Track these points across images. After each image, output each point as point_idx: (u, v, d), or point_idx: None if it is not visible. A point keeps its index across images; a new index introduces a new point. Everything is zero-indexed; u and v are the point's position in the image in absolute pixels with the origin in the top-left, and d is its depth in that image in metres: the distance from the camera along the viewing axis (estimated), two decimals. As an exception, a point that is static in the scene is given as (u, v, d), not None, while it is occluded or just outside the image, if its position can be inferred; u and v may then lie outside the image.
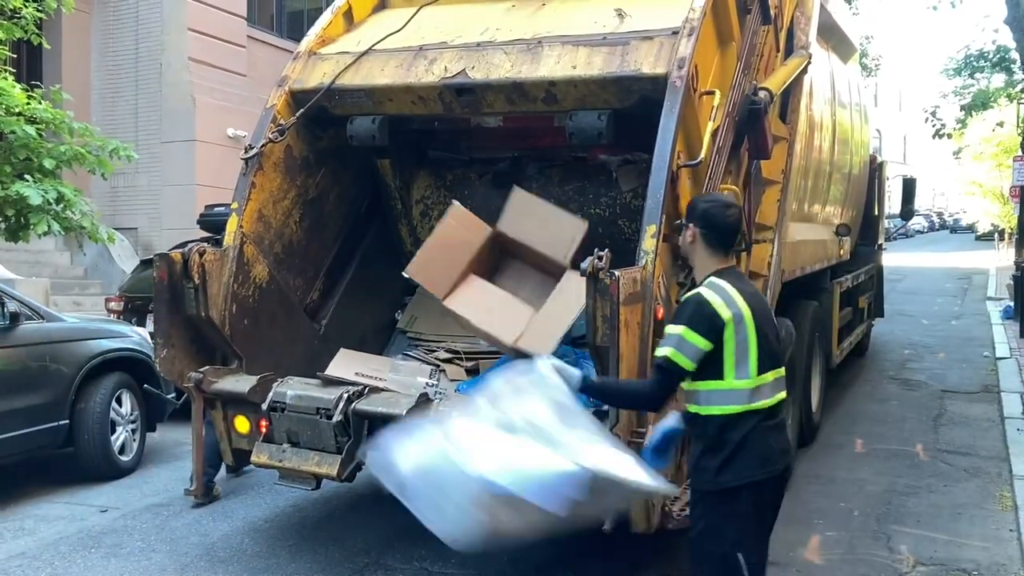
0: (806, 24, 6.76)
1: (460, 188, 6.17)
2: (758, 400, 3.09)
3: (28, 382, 6.06)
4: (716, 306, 3.05)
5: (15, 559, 5.00)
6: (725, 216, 3.20)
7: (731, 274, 3.20)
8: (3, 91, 8.75)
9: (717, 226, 3.19)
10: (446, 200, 6.19)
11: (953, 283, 22.81)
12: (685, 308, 3.13)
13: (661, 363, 3.11)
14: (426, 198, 6.25)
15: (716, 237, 3.20)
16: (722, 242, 3.21)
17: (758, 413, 3.09)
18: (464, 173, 6.18)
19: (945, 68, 25.37)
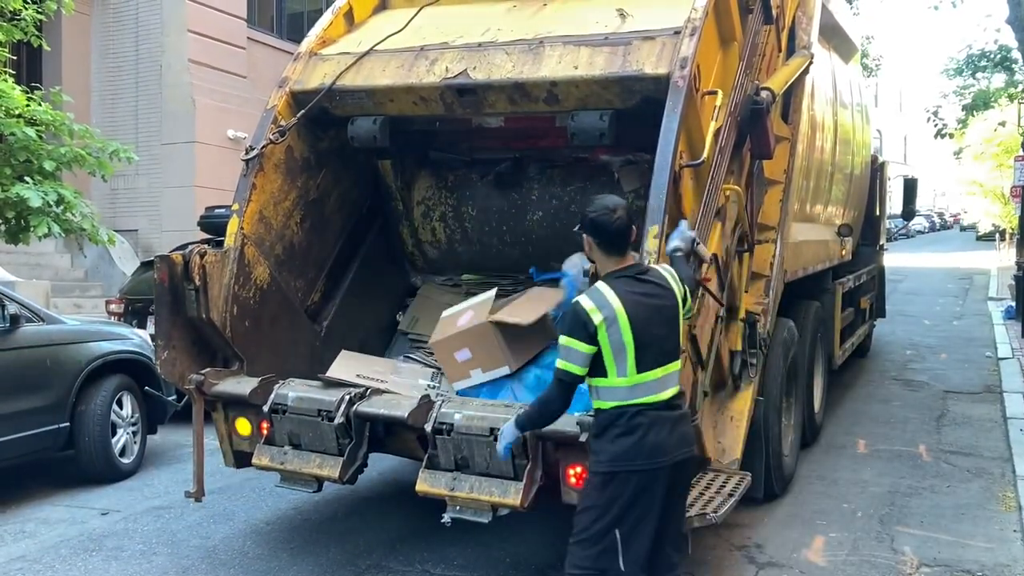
0: (808, 24, 6.74)
1: (461, 189, 6.16)
2: (642, 396, 3.29)
3: (29, 385, 6.04)
4: (589, 311, 3.26)
5: (15, 562, 4.98)
6: (611, 221, 3.36)
7: (625, 274, 3.37)
8: (3, 93, 8.73)
9: (606, 232, 3.37)
10: (447, 201, 6.18)
11: (954, 283, 22.80)
12: (566, 317, 3.37)
13: (556, 374, 3.37)
14: (427, 199, 6.24)
15: (607, 242, 3.38)
16: (614, 245, 3.39)
17: (646, 406, 3.29)
18: (465, 174, 6.17)
19: (946, 68, 25.41)
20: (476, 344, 5.02)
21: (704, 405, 4.75)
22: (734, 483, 4.75)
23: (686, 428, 3.45)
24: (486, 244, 6.17)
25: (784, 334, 6.21)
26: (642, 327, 3.28)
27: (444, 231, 6.24)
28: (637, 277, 3.40)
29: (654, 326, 3.32)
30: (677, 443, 3.36)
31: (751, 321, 5.40)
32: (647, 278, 3.42)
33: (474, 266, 6.27)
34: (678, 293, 3.46)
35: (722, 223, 4.86)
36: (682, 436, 3.40)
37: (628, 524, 3.31)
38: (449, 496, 4.09)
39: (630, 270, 3.41)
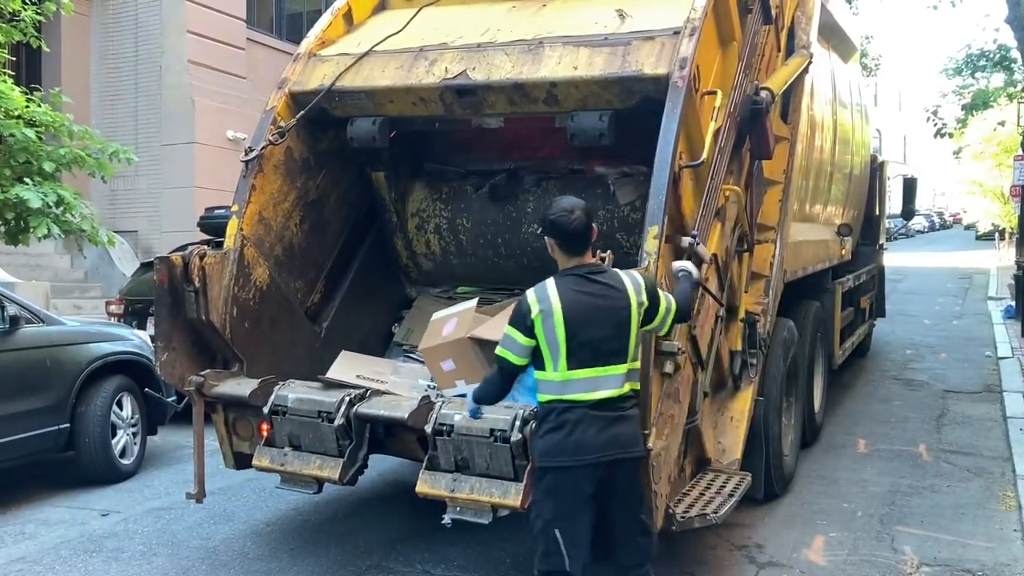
0: (807, 24, 6.74)
1: (456, 201, 6.12)
2: (571, 393, 3.37)
3: (29, 386, 6.04)
4: (530, 303, 3.41)
5: (16, 563, 4.98)
6: (569, 222, 3.46)
7: (575, 273, 3.47)
8: (2, 94, 8.73)
9: (564, 233, 3.48)
10: (442, 213, 6.13)
11: (954, 283, 22.80)
12: (515, 307, 3.52)
13: (496, 359, 3.55)
14: (422, 211, 6.19)
15: (566, 242, 3.50)
16: (571, 245, 3.50)
17: (576, 404, 3.37)
18: (460, 186, 6.14)
19: (945, 68, 25.40)
20: (459, 357, 5.01)
21: (704, 405, 4.76)
22: (734, 483, 4.75)
23: (624, 430, 3.44)
24: (481, 257, 6.14)
25: (784, 334, 6.21)
26: (578, 325, 3.36)
27: (439, 243, 6.20)
28: (587, 276, 3.46)
29: (593, 326, 3.37)
30: (607, 443, 3.37)
31: (751, 321, 5.41)
32: (598, 278, 3.46)
33: (469, 278, 6.24)
34: (633, 299, 3.44)
35: (722, 223, 4.87)
36: (614, 437, 3.40)
37: (563, 523, 3.40)
38: (449, 497, 4.09)
39: (581, 269, 3.48)
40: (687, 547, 4.99)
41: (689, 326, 4.36)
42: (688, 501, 4.45)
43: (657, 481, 3.99)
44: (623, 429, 3.43)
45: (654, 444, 3.85)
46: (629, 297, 3.44)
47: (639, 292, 3.48)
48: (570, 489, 3.40)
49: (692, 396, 4.47)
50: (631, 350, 3.46)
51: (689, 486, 4.67)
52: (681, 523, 4.22)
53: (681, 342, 4.16)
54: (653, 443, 3.84)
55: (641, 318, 3.49)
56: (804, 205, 7.39)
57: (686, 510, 4.32)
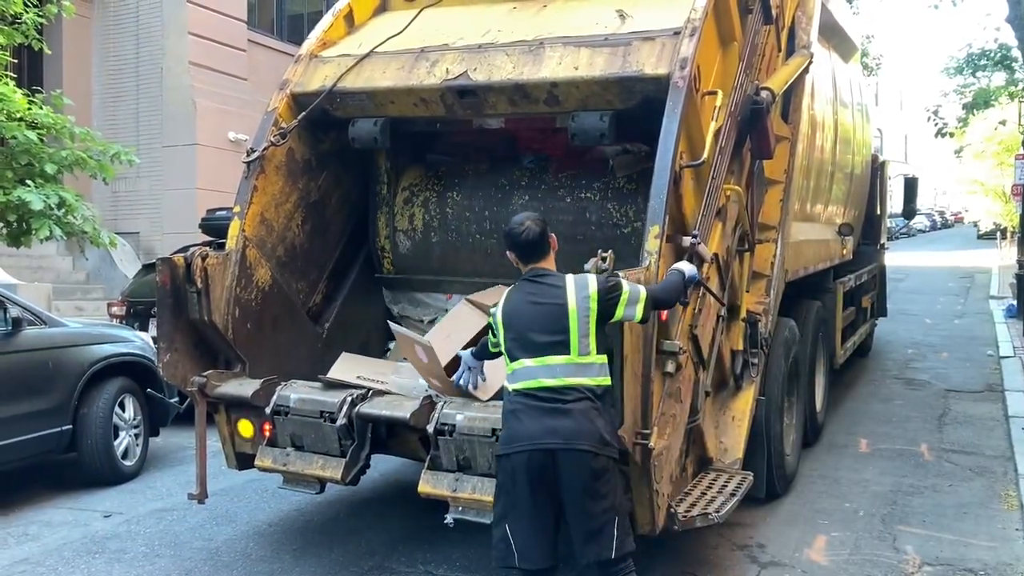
0: (807, 24, 6.74)
1: (451, 178, 6.03)
2: (513, 382, 3.59)
3: (31, 387, 6.05)
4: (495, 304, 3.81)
5: (19, 564, 4.99)
6: (519, 234, 3.73)
7: (525, 277, 3.74)
8: (4, 96, 8.74)
9: (515, 244, 3.76)
10: (434, 188, 6.01)
11: (956, 282, 22.79)
12: None
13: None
14: (414, 185, 6.09)
15: (517, 252, 3.77)
16: (522, 254, 3.77)
17: (517, 392, 3.56)
18: (459, 163, 6.08)
19: (946, 67, 25.38)
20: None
21: (706, 405, 4.76)
22: (736, 482, 4.75)
23: (562, 422, 3.46)
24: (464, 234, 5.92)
25: (785, 333, 6.21)
26: (514, 321, 3.63)
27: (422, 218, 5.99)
28: (532, 279, 3.71)
29: (525, 321, 3.60)
30: (541, 432, 3.46)
31: (752, 321, 5.41)
32: (542, 280, 3.68)
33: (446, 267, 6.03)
34: (571, 295, 3.56)
35: (723, 223, 4.87)
36: (551, 428, 3.46)
37: (511, 520, 3.53)
38: (451, 497, 4.10)
39: (529, 273, 3.73)
40: (689, 546, 4.99)
41: (690, 325, 4.37)
42: (690, 500, 4.45)
43: (659, 480, 4.00)
44: (561, 421, 3.47)
45: (655, 443, 3.85)
46: (567, 294, 3.58)
47: (581, 288, 3.58)
48: (509, 479, 3.51)
49: (694, 395, 4.47)
50: (574, 343, 3.52)
51: (691, 485, 4.67)
52: (683, 522, 4.22)
53: (682, 341, 4.17)
54: (655, 442, 3.84)
55: (593, 313, 3.55)
56: (805, 205, 7.39)
57: (688, 509, 4.33)
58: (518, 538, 3.50)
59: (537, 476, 3.46)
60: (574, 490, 3.48)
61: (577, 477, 3.46)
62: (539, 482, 3.47)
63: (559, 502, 3.51)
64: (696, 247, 4.22)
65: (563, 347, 3.53)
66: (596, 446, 3.49)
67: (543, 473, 3.46)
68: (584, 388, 3.52)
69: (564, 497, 3.50)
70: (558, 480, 3.47)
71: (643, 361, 3.84)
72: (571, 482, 3.47)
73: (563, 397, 3.50)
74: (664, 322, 4.01)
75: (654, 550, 4.73)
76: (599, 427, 3.52)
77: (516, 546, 3.50)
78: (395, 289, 6.21)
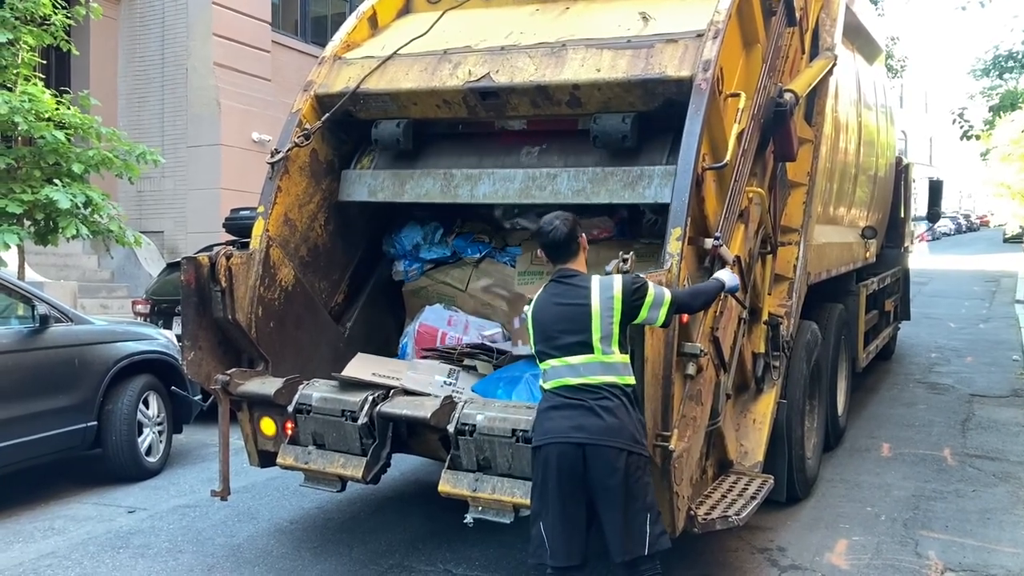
0: (831, 25, 6.72)
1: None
2: (544, 381, 3.67)
3: (57, 384, 6.13)
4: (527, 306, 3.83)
5: (46, 558, 5.06)
6: (546, 234, 3.76)
7: (553, 278, 3.76)
8: (33, 97, 8.86)
9: (544, 243, 3.80)
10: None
11: (980, 286, 22.55)
12: None
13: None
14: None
15: (550, 252, 3.80)
16: (552, 254, 3.80)
17: (549, 391, 3.64)
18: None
19: (973, 69, 25.15)
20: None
21: (726, 407, 4.75)
22: (756, 486, 4.74)
23: (590, 419, 3.49)
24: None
25: (807, 337, 6.18)
26: (542, 322, 3.67)
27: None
28: (559, 279, 3.73)
29: (551, 321, 3.64)
30: (571, 428, 3.50)
31: (774, 323, 5.39)
32: (568, 281, 3.70)
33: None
34: (595, 296, 3.57)
35: (745, 225, 4.86)
36: (579, 424, 3.49)
37: (546, 517, 3.55)
38: (471, 497, 4.12)
39: (557, 274, 3.76)
40: (708, 549, 4.98)
41: (712, 328, 4.36)
42: (710, 503, 4.45)
43: (678, 483, 3.99)
44: (590, 419, 3.50)
45: (675, 445, 3.85)
46: (591, 295, 3.59)
47: (606, 289, 3.59)
48: (542, 474, 3.54)
49: (714, 398, 4.47)
50: (595, 343, 3.54)
51: (711, 488, 4.66)
52: (703, 525, 4.21)
53: (704, 344, 4.16)
54: (675, 444, 3.84)
55: (616, 313, 3.56)
56: (828, 207, 7.36)
57: (708, 512, 4.32)
58: (551, 535, 3.53)
59: (567, 472, 3.48)
60: (605, 487, 3.49)
61: (607, 474, 3.47)
62: (568, 478, 3.49)
63: (590, 500, 3.53)
64: (718, 249, 4.22)
65: (586, 347, 3.56)
66: (627, 443, 3.51)
67: (572, 469, 3.48)
68: (611, 386, 3.54)
69: (595, 495, 3.51)
70: (587, 477, 3.48)
71: (664, 363, 3.84)
72: (601, 479, 3.48)
73: (590, 395, 3.53)
74: (685, 324, 4.01)
75: (673, 553, 4.73)
76: (627, 424, 3.53)
77: (550, 543, 3.52)
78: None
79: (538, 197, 4.93)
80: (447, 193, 5.18)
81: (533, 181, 4.95)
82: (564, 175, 4.86)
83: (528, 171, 4.98)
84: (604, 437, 3.48)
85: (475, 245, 5.92)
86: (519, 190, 4.99)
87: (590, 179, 4.78)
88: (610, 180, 4.73)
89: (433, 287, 5.96)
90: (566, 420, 3.52)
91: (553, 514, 3.54)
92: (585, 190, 4.78)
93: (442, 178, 5.20)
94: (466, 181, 5.12)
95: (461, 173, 5.15)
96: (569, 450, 3.48)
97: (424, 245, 5.84)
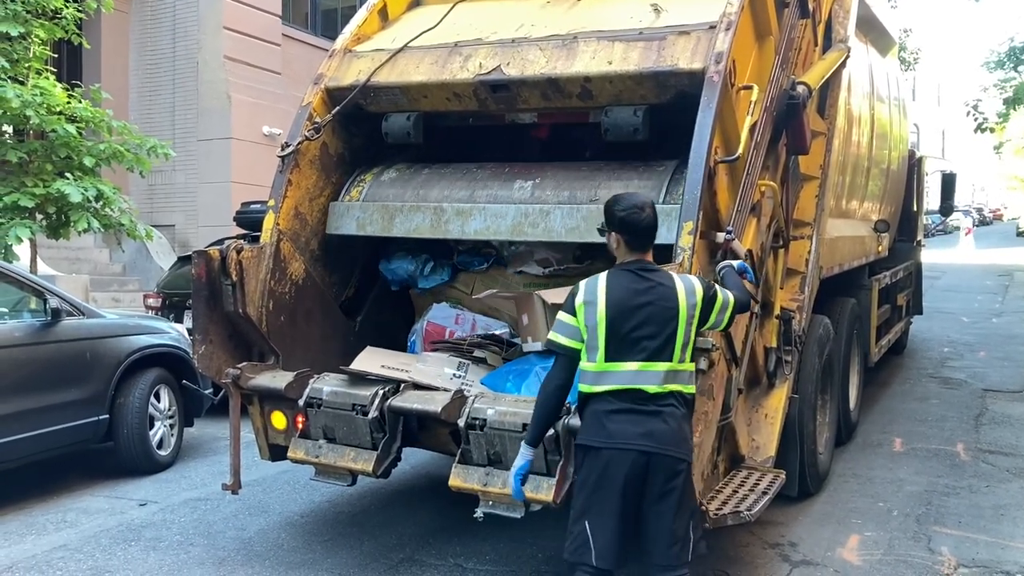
0: (844, 18, 6.67)
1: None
2: (607, 384, 3.37)
3: (69, 377, 6.15)
4: (578, 291, 3.46)
5: (58, 551, 5.08)
6: (640, 220, 3.47)
7: (628, 268, 3.46)
8: (45, 90, 8.90)
9: (634, 231, 3.48)
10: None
11: (994, 280, 22.42)
12: (566, 297, 3.54)
13: (548, 346, 3.57)
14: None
15: (634, 239, 3.49)
16: (639, 243, 3.50)
17: (611, 394, 3.37)
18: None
19: (987, 61, 24.99)
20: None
21: (738, 402, 4.73)
22: (768, 481, 4.72)
23: (659, 427, 3.37)
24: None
25: (819, 331, 6.15)
26: (620, 319, 3.35)
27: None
28: (639, 272, 3.45)
29: (635, 320, 3.36)
30: (641, 435, 3.33)
31: (786, 318, 5.36)
32: (650, 276, 3.44)
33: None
34: (682, 300, 3.40)
35: (757, 219, 4.83)
36: (649, 432, 3.35)
37: (594, 512, 3.38)
38: (482, 491, 4.11)
39: (634, 265, 3.47)
40: (720, 544, 4.96)
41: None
42: (721, 498, 4.43)
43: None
44: (659, 426, 3.37)
45: None
46: (678, 297, 3.40)
47: (691, 294, 3.43)
48: (597, 475, 3.37)
49: (726, 393, 4.44)
50: (677, 350, 3.40)
51: (722, 483, 4.64)
52: (714, 520, 4.19)
53: (715, 338, 4.13)
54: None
55: (695, 320, 3.45)
56: (841, 201, 7.32)
57: (719, 507, 4.30)
58: (599, 537, 3.36)
59: (633, 478, 3.35)
60: (662, 495, 3.39)
61: (667, 483, 3.38)
62: (631, 484, 3.36)
63: (639, 506, 3.42)
64: (730, 243, 4.19)
65: (666, 353, 3.39)
66: (687, 454, 3.46)
67: (637, 476, 3.36)
68: (678, 394, 3.43)
69: (648, 502, 3.40)
70: (648, 484, 3.38)
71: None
72: (660, 487, 3.38)
73: (660, 402, 3.39)
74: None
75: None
76: (688, 435, 3.48)
77: (595, 544, 3.37)
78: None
79: (530, 235, 4.77)
80: (437, 228, 5.01)
81: (526, 217, 4.76)
82: (558, 212, 4.68)
83: (520, 207, 4.79)
84: (670, 447, 3.38)
85: (480, 258, 5.82)
86: (511, 227, 4.81)
87: (584, 217, 4.59)
88: None
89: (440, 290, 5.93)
90: (634, 426, 3.35)
91: (608, 517, 3.38)
92: (579, 228, 4.60)
93: (432, 212, 5.02)
94: (457, 216, 4.95)
95: (452, 207, 4.97)
96: (637, 458, 3.34)
97: (419, 276, 5.70)
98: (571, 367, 3.47)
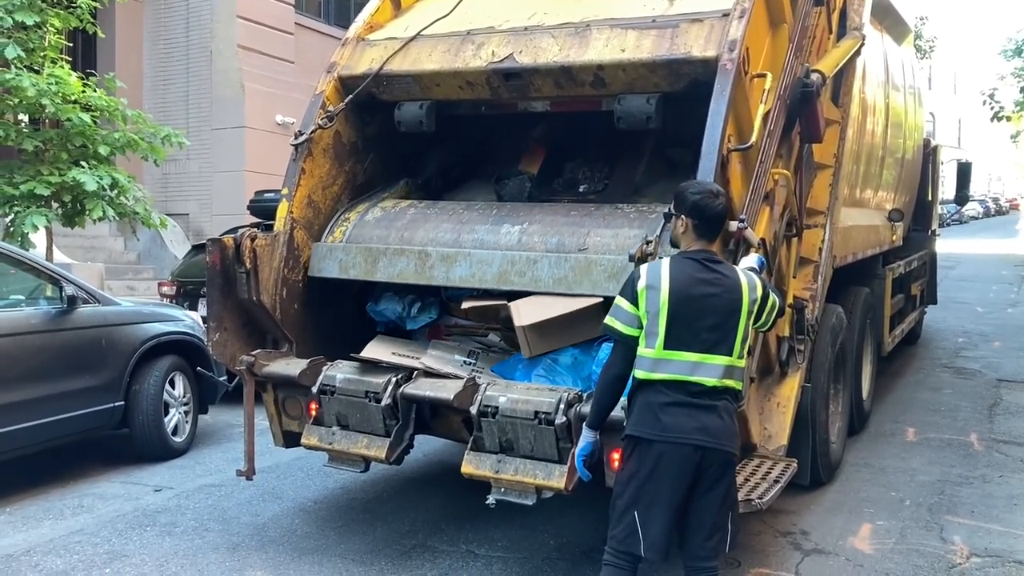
0: (859, 5, 6.62)
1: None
2: (664, 372, 3.30)
3: (85, 364, 6.20)
4: (639, 276, 3.37)
5: (75, 535, 5.14)
6: (714, 207, 3.40)
7: (693, 257, 3.39)
8: (60, 79, 8.95)
9: (706, 217, 3.40)
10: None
11: (1009, 270, 22.27)
12: (625, 280, 3.48)
13: (605, 331, 3.48)
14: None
15: (705, 227, 3.41)
16: (707, 229, 3.43)
17: (667, 384, 3.30)
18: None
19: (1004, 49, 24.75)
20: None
21: (751, 391, 4.72)
22: (780, 469, 4.71)
23: (714, 421, 3.34)
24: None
25: (832, 320, 6.14)
26: (683, 307, 3.28)
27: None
28: (704, 262, 3.38)
29: (699, 311, 3.30)
30: (697, 430, 3.30)
31: (799, 307, 5.35)
32: (715, 267, 3.39)
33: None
34: (746, 295, 3.36)
35: (770, 208, 4.81)
36: (705, 426, 3.31)
37: (644, 503, 3.33)
38: (494, 478, 4.13)
39: (699, 254, 3.40)
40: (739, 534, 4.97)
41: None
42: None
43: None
44: (714, 420, 3.34)
45: None
46: (743, 291, 3.36)
47: (753, 289, 3.41)
48: (651, 467, 3.31)
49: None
50: (737, 345, 3.35)
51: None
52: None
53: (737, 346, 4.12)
54: None
55: (753, 316, 3.43)
56: (855, 190, 7.28)
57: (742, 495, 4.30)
58: (650, 528, 3.33)
59: (687, 472, 3.32)
60: (711, 488, 3.37)
61: (719, 476, 3.38)
62: (684, 478, 3.34)
63: (688, 499, 3.39)
64: (743, 232, 4.18)
65: (726, 347, 3.34)
66: (736, 449, 3.45)
67: (690, 469, 3.33)
68: (731, 390, 3.41)
69: (697, 494, 3.37)
70: (698, 477, 3.36)
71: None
72: (711, 481, 3.36)
73: (715, 397, 3.36)
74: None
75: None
76: (737, 429, 3.47)
77: (646, 535, 3.34)
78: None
79: (517, 284, 4.61)
80: (421, 275, 4.87)
81: (512, 265, 4.58)
82: (545, 261, 4.49)
83: (507, 254, 4.62)
84: (723, 442, 3.36)
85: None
86: (497, 275, 4.65)
87: (572, 267, 4.46)
88: (593, 270, 4.35)
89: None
90: (690, 420, 3.30)
91: (659, 508, 3.34)
92: (567, 279, 4.46)
93: (416, 257, 4.85)
94: (442, 262, 4.82)
95: (437, 252, 4.80)
96: (691, 452, 3.31)
97: (407, 318, 5.45)
98: (629, 355, 3.40)
